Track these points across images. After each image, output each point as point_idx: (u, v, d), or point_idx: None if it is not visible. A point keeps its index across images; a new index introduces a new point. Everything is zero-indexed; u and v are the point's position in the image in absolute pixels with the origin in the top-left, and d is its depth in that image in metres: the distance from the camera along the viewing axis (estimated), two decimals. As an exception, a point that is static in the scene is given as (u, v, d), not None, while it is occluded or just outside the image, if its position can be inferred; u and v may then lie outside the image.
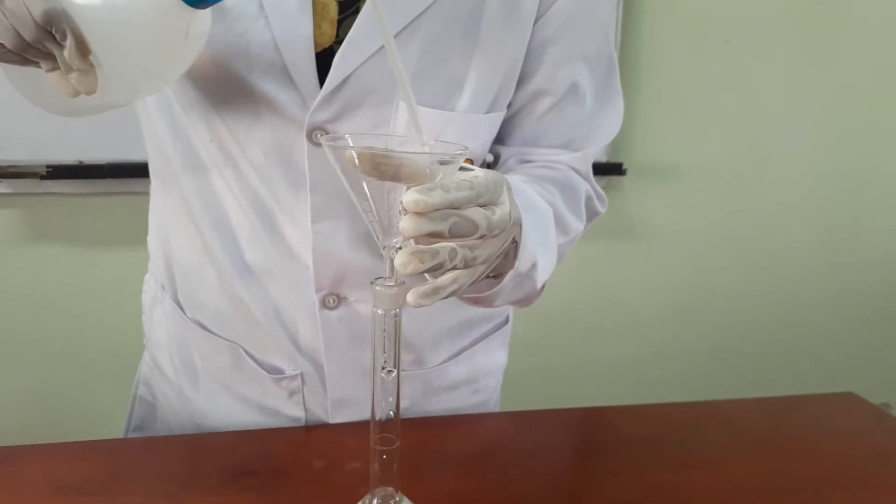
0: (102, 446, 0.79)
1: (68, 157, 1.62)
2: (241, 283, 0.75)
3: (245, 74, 0.66)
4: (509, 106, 0.76)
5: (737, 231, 2.14)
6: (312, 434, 0.81)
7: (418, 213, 0.43)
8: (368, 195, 0.45)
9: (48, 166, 1.60)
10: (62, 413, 1.78)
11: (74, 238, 1.72)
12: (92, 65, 0.51)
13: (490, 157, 0.83)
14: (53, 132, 1.60)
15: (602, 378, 2.12)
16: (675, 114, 2.01)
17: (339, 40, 0.65)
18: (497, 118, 0.74)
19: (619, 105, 0.81)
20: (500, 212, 0.49)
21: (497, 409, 0.95)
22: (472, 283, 0.51)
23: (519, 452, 0.79)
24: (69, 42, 0.49)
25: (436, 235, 0.44)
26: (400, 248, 0.46)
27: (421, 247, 0.45)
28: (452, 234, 0.45)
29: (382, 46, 0.65)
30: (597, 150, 0.80)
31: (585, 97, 0.77)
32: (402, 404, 0.49)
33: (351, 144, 0.45)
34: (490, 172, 0.49)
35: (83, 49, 0.50)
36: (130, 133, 1.54)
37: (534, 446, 0.80)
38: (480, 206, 0.48)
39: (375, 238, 0.48)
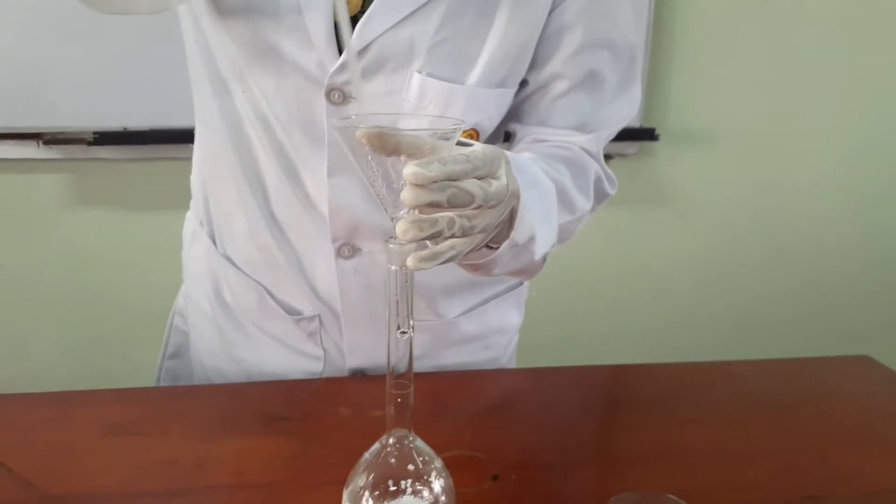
0: (144, 392, 0.85)
1: (114, 123, 1.68)
2: (269, 233, 0.81)
3: (272, 35, 0.71)
4: (526, 84, 0.79)
5: (769, 198, 2.11)
6: (340, 384, 0.86)
7: (418, 185, 0.46)
8: (375, 170, 0.49)
9: (95, 132, 1.66)
10: (108, 362, 1.88)
11: (119, 201, 1.79)
12: None
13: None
14: (100, 100, 1.66)
15: (631, 345, 2.13)
16: (708, 79, 1.98)
17: (364, 9, 0.69)
18: (506, 94, 0.78)
19: (637, 92, 0.83)
20: (496, 184, 0.52)
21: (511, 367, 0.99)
22: (470, 251, 0.54)
23: (533, 406, 0.83)
24: None
25: (435, 205, 0.47)
26: None
27: (421, 216, 0.48)
28: (451, 205, 0.48)
29: (403, 18, 0.69)
30: (609, 134, 0.83)
31: (604, 83, 0.79)
32: (414, 353, 0.53)
33: (357, 124, 0.49)
34: (488, 147, 0.53)
35: None
36: (172, 101, 1.60)
37: (548, 401, 0.84)
38: (478, 179, 0.51)
39: (384, 209, 0.52)
